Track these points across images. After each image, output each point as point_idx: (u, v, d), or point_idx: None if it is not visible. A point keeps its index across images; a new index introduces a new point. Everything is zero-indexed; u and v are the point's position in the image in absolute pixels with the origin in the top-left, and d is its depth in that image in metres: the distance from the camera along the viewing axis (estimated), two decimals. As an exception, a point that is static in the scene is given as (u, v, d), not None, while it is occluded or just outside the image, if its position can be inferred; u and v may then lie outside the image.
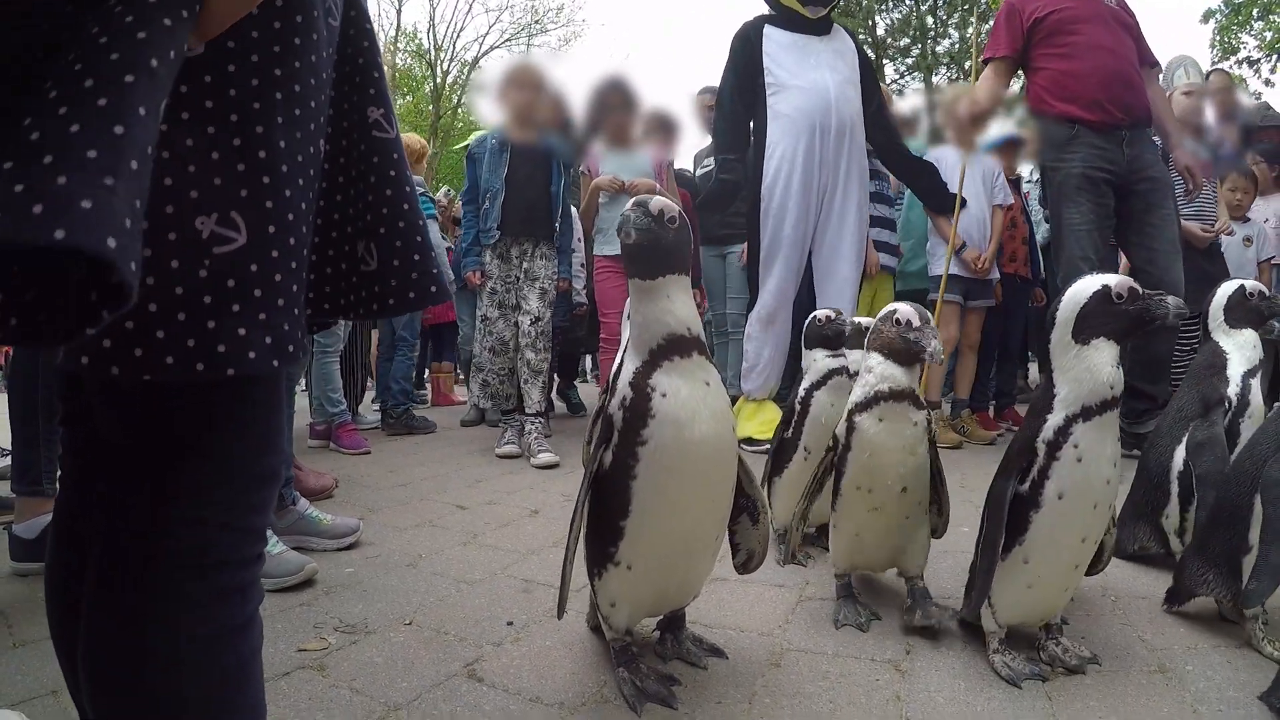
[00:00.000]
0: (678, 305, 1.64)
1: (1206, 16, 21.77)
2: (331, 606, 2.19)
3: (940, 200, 4.95)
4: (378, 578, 2.43)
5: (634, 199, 1.66)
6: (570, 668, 1.81)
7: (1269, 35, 20.89)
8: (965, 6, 23.28)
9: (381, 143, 1.05)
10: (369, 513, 3.21)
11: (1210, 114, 4.93)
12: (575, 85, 4.69)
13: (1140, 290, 1.69)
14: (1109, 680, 1.74)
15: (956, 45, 23.39)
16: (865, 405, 2.01)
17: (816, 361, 2.61)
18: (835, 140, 4.48)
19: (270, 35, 0.83)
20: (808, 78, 4.51)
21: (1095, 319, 1.69)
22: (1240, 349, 2.39)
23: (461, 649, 1.91)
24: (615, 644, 1.76)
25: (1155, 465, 2.50)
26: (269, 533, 2.31)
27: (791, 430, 2.62)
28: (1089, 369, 1.67)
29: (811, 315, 2.67)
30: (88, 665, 0.88)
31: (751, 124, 4.72)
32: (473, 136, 5.09)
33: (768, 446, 4.10)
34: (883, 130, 4.82)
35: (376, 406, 6.06)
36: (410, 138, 5.99)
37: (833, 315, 2.62)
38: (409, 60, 28.05)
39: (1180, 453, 2.42)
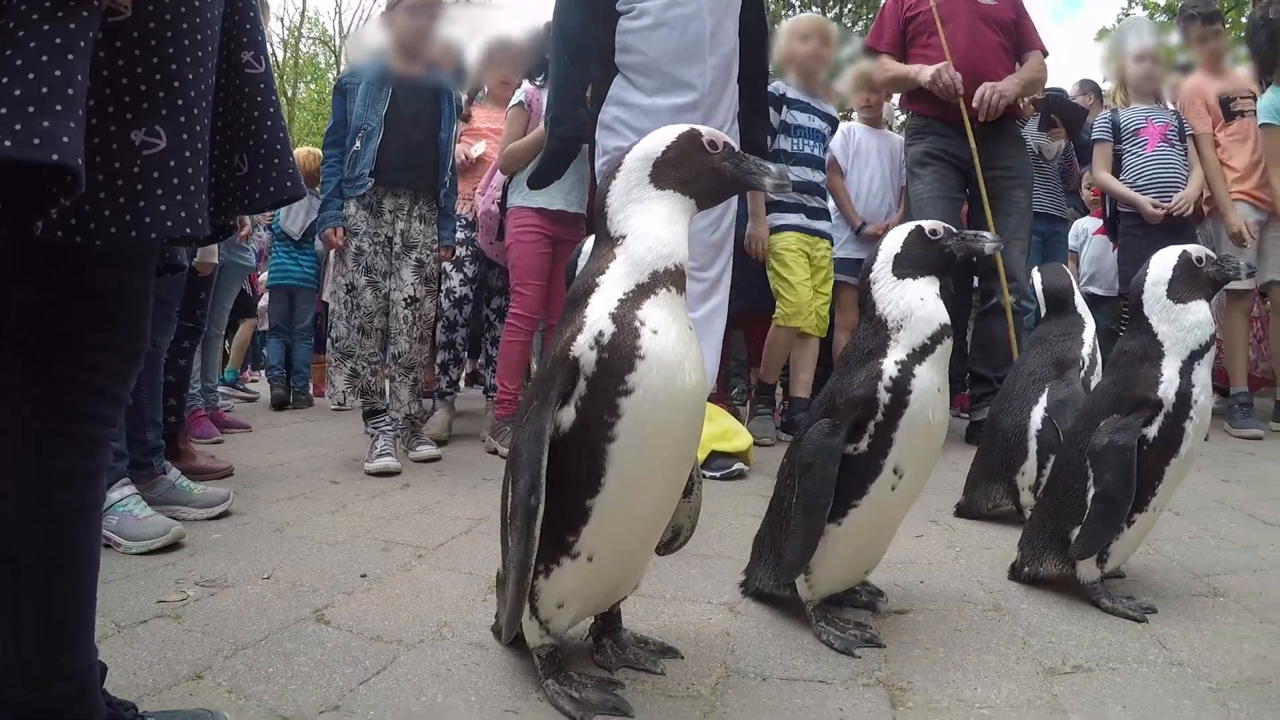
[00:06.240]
0: (686, 237, 1.46)
1: (1101, 35, 22.60)
2: (195, 565, 2.28)
3: None
4: (244, 541, 2.53)
5: (690, 129, 1.50)
6: (414, 611, 1.95)
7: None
8: (870, 16, 23.79)
9: (251, 77, 1.33)
10: (244, 488, 3.27)
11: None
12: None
13: None
14: (941, 617, 1.92)
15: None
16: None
17: (924, 303, 1.74)
18: (710, 90, 3.47)
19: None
20: (676, 6, 3.43)
21: None
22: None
23: (314, 598, 2.03)
24: (542, 651, 1.53)
25: (1010, 425, 2.73)
26: (138, 498, 2.41)
27: (870, 438, 1.71)
28: None
29: (914, 225, 1.85)
30: None
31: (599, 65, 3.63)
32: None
33: (736, 469, 3.52)
34: (751, 64, 3.77)
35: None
36: (302, 153, 6.15)
37: (953, 229, 1.85)
38: (313, 47, 27.67)
39: (1039, 412, 2.67)
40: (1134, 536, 1.96)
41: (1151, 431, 1.89)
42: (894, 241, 1.82)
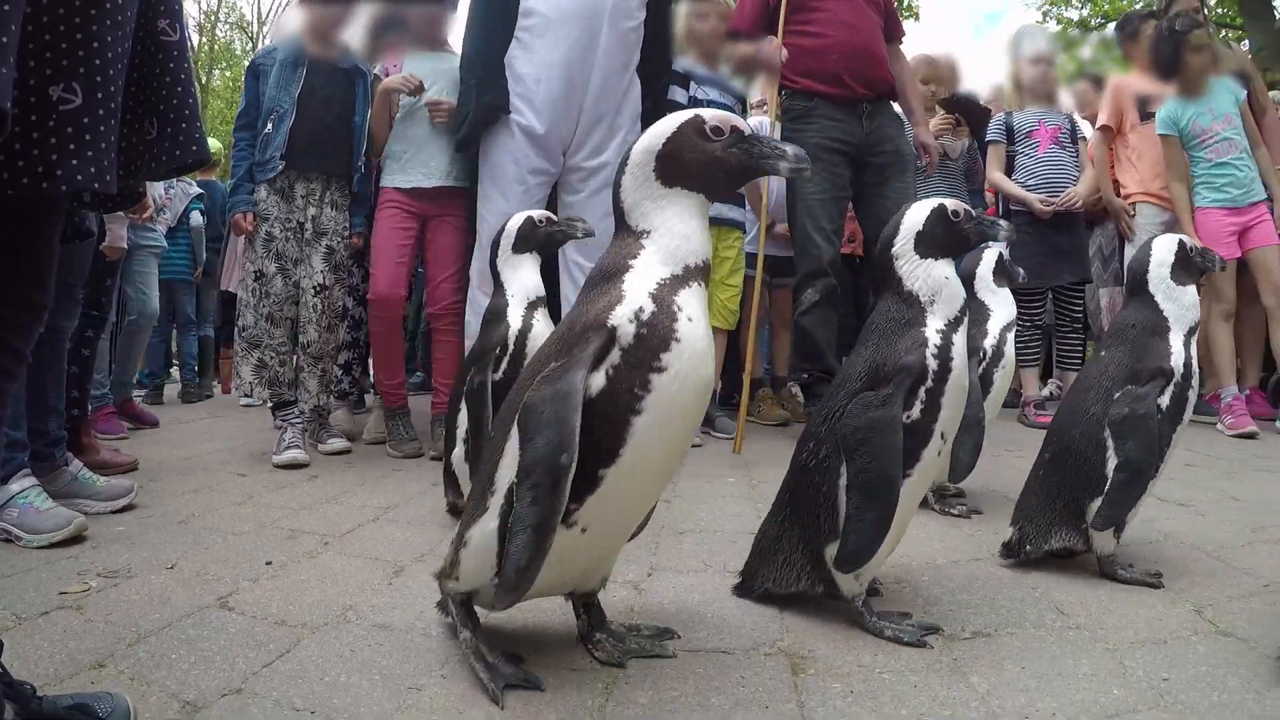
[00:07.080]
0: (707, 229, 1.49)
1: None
2: (97, 557, 2.24)
3: None
4: (148, 533, 2.48)
5: (693, 115, 1.47)
6: (319, 595, 1.95)
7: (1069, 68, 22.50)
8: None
9: (165, 44, 1.37)
10: (149, 482, 3.20)
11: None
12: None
13: None
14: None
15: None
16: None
17: (949, 281, 1.78)
18: (603, 59, 3.47)
19: None
20: None
21: None
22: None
23: (218, 586, 2.01)
24: (457, 598, 1.57)
25: None
26: (39, 490, 2.36)
27: (922, 404, 1.70)
28: None
29: (937, 203, 1.83)
30: None
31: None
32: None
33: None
34: (655, 51, 3.76)
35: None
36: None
37: (971, 212, 1.85)
38: (230, 33, 27.04)
39: None
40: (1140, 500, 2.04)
41: (1164, 400, 2.00)
42: (916, 219, 1.80)
